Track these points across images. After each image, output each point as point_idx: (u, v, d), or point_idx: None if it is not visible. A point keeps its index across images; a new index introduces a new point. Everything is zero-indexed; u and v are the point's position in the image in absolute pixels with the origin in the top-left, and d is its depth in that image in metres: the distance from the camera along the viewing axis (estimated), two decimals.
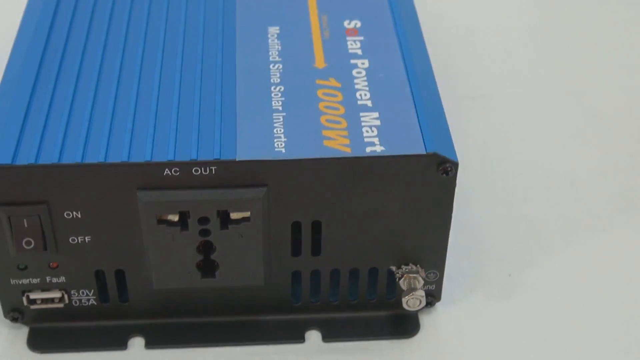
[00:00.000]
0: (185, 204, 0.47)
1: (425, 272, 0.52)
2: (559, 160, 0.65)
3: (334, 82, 0.51)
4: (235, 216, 0.48)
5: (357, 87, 0.51)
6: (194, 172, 0.47)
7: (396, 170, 0.47)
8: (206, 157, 0.47)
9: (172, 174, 0.47)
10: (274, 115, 0.49)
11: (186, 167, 0.47)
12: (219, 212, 0.48)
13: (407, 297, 0.51)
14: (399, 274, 0.52)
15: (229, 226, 0.48)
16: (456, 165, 0.48)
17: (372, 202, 0.49)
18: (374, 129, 0.48)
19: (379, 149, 0.47)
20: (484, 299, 0.55)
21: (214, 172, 0.47)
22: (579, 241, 0.59)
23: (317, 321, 0.54)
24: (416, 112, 0.49)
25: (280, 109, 0.49)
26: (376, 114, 0.49)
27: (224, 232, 0.48)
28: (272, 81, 0.51)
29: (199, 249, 0.49)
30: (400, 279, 0.52)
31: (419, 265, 0.52)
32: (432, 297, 0.53)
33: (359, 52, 0.54)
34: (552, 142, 0.67)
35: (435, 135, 0.48)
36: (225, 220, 0.48)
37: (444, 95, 0.53)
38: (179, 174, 0.47)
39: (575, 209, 0.62)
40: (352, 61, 0.53)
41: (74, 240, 0.49)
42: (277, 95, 0.50)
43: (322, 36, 0.55)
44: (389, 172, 0.48)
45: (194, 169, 0.47)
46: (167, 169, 0.47)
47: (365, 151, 0.47)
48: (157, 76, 0.52)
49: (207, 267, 0.50)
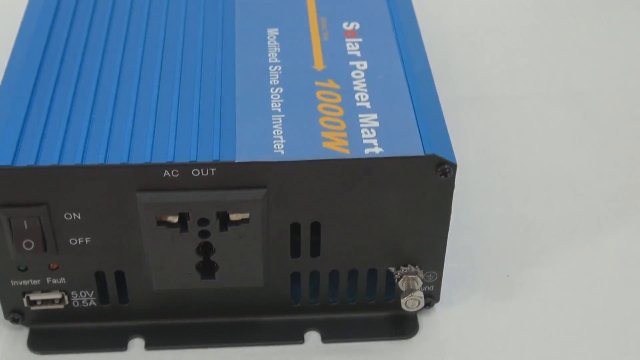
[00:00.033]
0: (184, 206, 0.47)
1: (424, 273, 0.52)
2: (557, 161, 0.65)
3: (332, 84, 0.51)
4: (234, 217, 0.48)
5: (355, 88, 0.51)
6: (194, 174, 0.47)
7: (395, 171, 0.47)
8: (205, 158, 0.47)
9: (171, 176, 0.47)
10: (273, 116, 0.49)
11: (186, 168, 0.47)
12: (218, 213, 0.48)
13: (406, 298, 0.52)
14: (397, 275, 0.52)
15: (229, 227, 0.48)
16: (454, 166, 0.48)
17: (370, 203, 0.49)
18: (372, 130, 0.48)
19: (377, 151, 0.47)
20: (482, 300, 0.55)
21: (214, 174, 0.47)
22: (577, 242, 0.59)
23: (317, 322, 0.54)
24: (415, 114, 0.49)
25: (279, 110, 0.49)
26: (375, 116, 0.49)
27: (223, 233, 0.48)
28: (271, 83, 0.51)
29: (198, 250, 0.49)
30: (399, 280, 0.52)
31: (417, 266, 0.52)
32: (431, 298, 0.53)
33: (358, 53, 0.54)
34: (550, 143, 0.67)
35: (433, 136, 0.48)
36: (224, 221, 0.48)
37: (443, 96, 0.53)
38: (178, 175, 0.47)
39: (573, 210, 0.62)
40: (351, 63, 0.53)
41: (74, 241, 0.49)
42: (276, 96, 0.50)
43: (321, 38, 0.55)
44: (387, 173, 0.48)
45: (194, 170, 0.47)
46: (166, 171, 0.47)
47: (364, 153, 0.47)
48: (156, 78, 0.52)
49: (207, 268, 0.50)
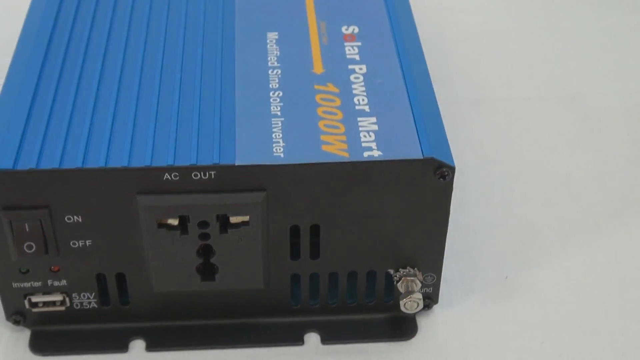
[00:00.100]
0: (185, 208, 0.48)
1: (422, 275, 0.52)
2: (555, 163, 0.65)
3: (332, 88, 0.52)
4: (234, 220, 0.48)
5: (355, 92, 0.51)
6: (194, 177, 0.47)
7: (393, 174, 0.48)
8: (205, 161, 0.47)
9: (172, 179, 0.47)
10: (273, 120, 0.49)
11: (186, 171, 0.47)
12: (218, 216, 0.48)
13: (404, 299, 0.52)
14: (396, 277, 0.52)
15: (229, 230, 0.48)
16: (453, 169, 0.48)
17: (369, 206, 0.49)
18: (371, 133, 0.49)
19: (376, 154, 0.47)
20: (481, 302, 0.56)
21: (213, 177, 0.47)
22: (575, 244, 0.59)
23: (316, 323, 0.54)
24: (413, 117, 0.49)
25: (278, 114, 0.50)
26: (374, 119, 0.49)
27: (223, 236, 0.49)
28: (270, 86, 0.51)
29: (198, 253, 0.49)
30: (398, 282, 0.52)
31: (416, 268, 0.52)
32: (430, 300, 0.54)
33: (357, 57, 0.54)
34: (548, 145, 0.67)
35: (432, 139, 0.48)
36: (224, 224, 0.48)
37: (441, 99, 0.53)
38: (178, 178, 0.47)
39: (571, 212, 0.62)
40: (350, 66, 0.53)
41: (75, 244, 0.49)
42: (276, 100, 0.51)
43: (320, 42, 0.55)
44: (386, 176, 0.48)
45: (194, 173, 0.47)
46: (167, 174, 0.47)
47: (363, 156, 0.47)
48: (157, 81, 0.52)
49: (207, 271, 0.50)
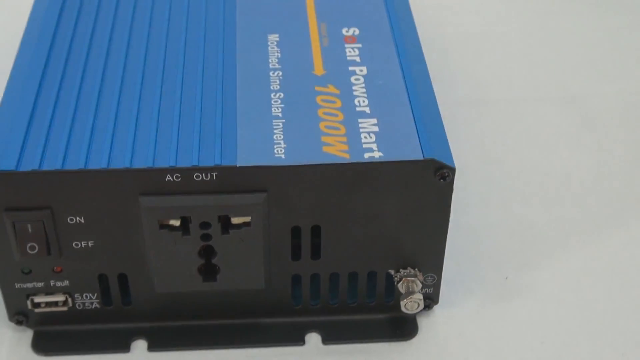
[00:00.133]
0: (186, 209, 0.48)
1: (423, 276, 0.52)
2: (555, 164, 0.65)
3: (332, 89, 0.52)
4: (236, 221, 0.48)
5: (355, 93, 0.51)
6: (195, 178, 0.47)
7: (394, 175, 0.48)
8: (207, 163, 0.47)
9: (173, 180, 0.47)
10: (274, 121, 0.49)
11: (187, 172, 0.47)
12: (220, 217, 0.48)
13: (405, 300, 0.52)
14: (397, 277, 0.52)
15: (230, 231, 0.49)
16: (453, 170, 0.48)
17: (370, 207, 0.49)
18: (372, 135, 0.49)
19: (377, 155, 0.47)
20: (481, 302, 0.56)
21: (215, 178, 0.47)
22: (575, 244, 0.59)
23: (317, 324, 0.54)
24: (414, 118, 0.50)
25: (280, 115, 0.50)
26: (374, 120, 0.50)
27: (225, 236, 0.49)
28: (271, 88, 0.52)
29: (200, 253, 0.50)
30: (398, 282, 0.52)
31: (417, 268, 0.52)
32: (430, 300, 0.54)
33: (357, 59, 0.54)
34: (548, 146, 0.67)
35: (432, 141, 0.49)
36: (226, 225, 0.49)
37: (441, 101, 0.53)
38: (180, 179, 0.47)
39: (571, 212, 0.62)
40: (351, 68, 0.53)
41: (77, 244, 0.49)
42: (277, 101, 0.51)
43: (320, 43, 0.55)
44: (387, 177, 0.48)
45: (195, 174, 0.47)
46: (168, 175, 0.47)
47: (363, 157, 0.47)
48: (158, 83, 0.52)
49: (209, 271, 0.50)
